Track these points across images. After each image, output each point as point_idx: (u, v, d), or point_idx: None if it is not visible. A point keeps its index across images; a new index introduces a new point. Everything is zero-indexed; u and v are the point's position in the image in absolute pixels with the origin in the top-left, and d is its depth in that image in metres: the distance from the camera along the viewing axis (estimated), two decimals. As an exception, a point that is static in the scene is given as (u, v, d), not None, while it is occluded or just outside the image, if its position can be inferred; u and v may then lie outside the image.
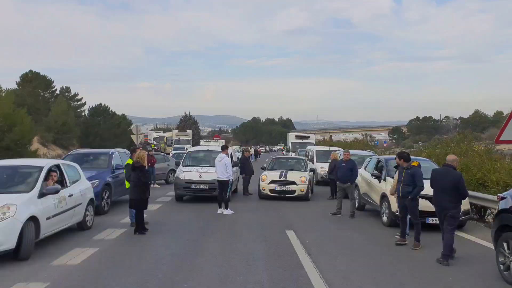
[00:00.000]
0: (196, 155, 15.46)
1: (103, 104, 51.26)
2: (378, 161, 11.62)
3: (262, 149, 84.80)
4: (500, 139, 8.34)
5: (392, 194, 9.00)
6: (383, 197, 10.23)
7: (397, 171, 8.69)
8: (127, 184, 9.96)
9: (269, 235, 8.90)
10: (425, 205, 9.06)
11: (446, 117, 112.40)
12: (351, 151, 14.27)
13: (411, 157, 8.73)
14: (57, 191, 7.69)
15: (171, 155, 29.26)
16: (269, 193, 14.20)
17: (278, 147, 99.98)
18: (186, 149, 45.20)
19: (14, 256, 6.60)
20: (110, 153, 12.93)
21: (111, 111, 51.33)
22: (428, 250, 7.85)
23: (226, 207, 11.65)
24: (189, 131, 61.73)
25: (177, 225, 9.92)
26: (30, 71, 46.33)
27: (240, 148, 52.37)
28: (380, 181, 10.76)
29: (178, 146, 50.03)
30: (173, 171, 20.55)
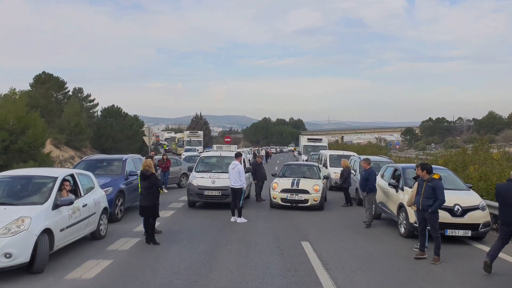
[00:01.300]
0: (209, 160, 15.32)
1: (115, 105, 51.45)
2: (395, 170, 11.35)
3: (273, 150, 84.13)
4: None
5: (410, 206, 8.79)
6: (400, 207, 10.00)
7: (416, 182, 8.48)
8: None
9: (285, 247, 8.73)
10: (444, 216, 8.86)
11: (459, 118, 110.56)
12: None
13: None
14: (71, 203, 7.61)
15: (182, 157, 29.24)
16: (280, 202, 13.56)
17: (289, 147, 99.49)
18: (197, 150, 45.34)
19: (28, 269, 6.53)
20: (123, 159, 12.87)
21: (123, 112, 51.48)
22: (448, 264, 7.66)
23: (240, 215, 11.52)
24: (200, 132, 61.94)
25: (191, 234, 9.81)
26: (44, 72, 46.61)
27: (251, 149, 52.24)
28: (397, 191, 10.50)
29: (189, 147, 50.19)
30: (186, 175, 20.49)
